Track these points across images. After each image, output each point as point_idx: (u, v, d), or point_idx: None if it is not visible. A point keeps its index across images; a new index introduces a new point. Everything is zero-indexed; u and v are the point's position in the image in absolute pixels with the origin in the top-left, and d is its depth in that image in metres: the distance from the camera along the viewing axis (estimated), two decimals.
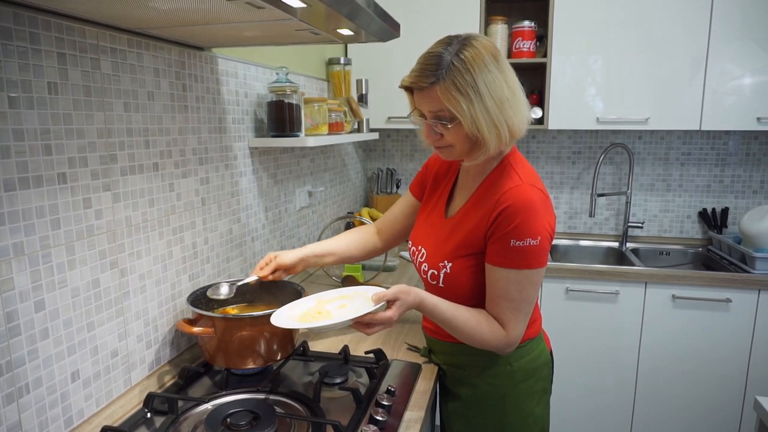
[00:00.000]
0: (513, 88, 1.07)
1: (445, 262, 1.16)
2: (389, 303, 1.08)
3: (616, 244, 2.68)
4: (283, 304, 1.19)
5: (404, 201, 1.41)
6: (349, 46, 2.49)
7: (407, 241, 1.37)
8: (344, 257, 1.42)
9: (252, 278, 1.29)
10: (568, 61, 2.34)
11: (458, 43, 1.05)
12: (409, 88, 1.11)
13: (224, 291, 1.28)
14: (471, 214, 1.15)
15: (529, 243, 1.05)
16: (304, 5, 0.87)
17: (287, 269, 1.32)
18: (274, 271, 1.30)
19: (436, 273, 1.19)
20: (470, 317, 1.12)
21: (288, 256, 1.31)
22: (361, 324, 1.06)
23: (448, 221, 1.21)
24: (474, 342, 1.13)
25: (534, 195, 1.07)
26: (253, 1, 0.83)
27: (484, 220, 1.10)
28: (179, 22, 1.01)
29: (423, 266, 1.23)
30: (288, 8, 0.89)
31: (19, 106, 0.87)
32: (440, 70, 1.02)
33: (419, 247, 1.26)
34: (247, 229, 1.65)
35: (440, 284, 1.18)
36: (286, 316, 1.14)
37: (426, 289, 1.24)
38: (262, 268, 1.29)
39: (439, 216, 1.25)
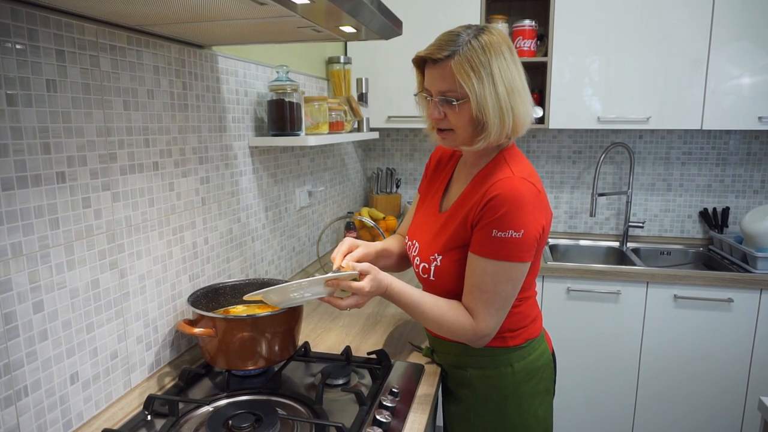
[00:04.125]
0: (523, 82, 1.10)
1: (436, 255, 1.16)
2: (361, 275, 1.08)
3: (616, 244, 2.67)
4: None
5: (415, 205, 1.40)
6: (348, 44, 2.48)
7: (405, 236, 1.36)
8: (398, 261, 1.38)
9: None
10: (569, 60, 2.33)
11: (476, 29, 1.07)
12: (421, 65, 1.12)
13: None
14: (462, 207, 1.15)
15: (511, 235, 1.04)
16: (306, 1, 0.86)
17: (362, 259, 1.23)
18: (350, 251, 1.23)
19: (427, 266, 1.18)
20: (437, 304, 1.12)
21: (369, 253, 1.24)
22: (333, 298, 1.07)
23: (441, 215, 1.21)
24: (441, 329, 1.13)
25: (524, 188, 1.06)
26: None
27: (473, 210, 1.10)
28: (180, 19, 1.00)
29: (416, 260, 1.23)
30: (290, 4, 0.87)
31: (17, 103, 0.86)
32: (457, 46, 1.04)
33: (413, 242, 1.26)
34: (248, 228, 1.64)
35: (431, 277, 1.18)
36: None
37: (419, 283, 1.24)
38: (344, 256, 1.20)
39: (433, 210, 1.25)
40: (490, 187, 1.07)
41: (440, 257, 1.16)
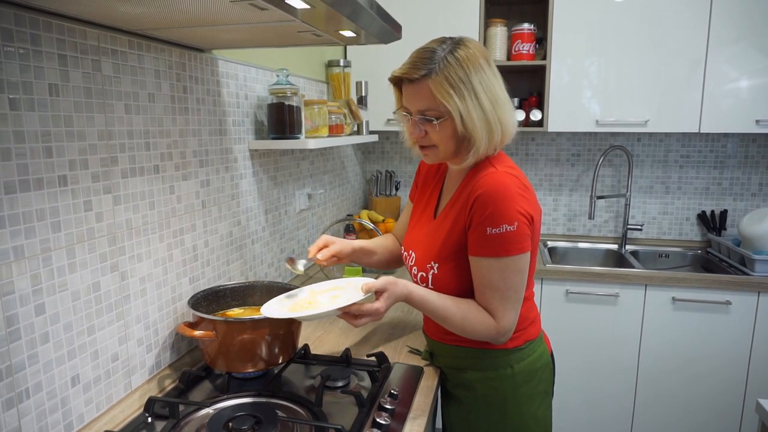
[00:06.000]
0: (504, 91, 1.09)
1: (432, 263, 1.17)
2: (377, 294, 1.07)
3: (615, 247, 2.68)
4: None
5: (408, 211, 1.42)
6: (348, 48, 2.49)
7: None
8: (383, 260, 1.41)
9: (305, 263, 1.26)
10: (567, 62, 2.34)
11: (452, 42, 1.06)
12: (398, 83, 1.10)
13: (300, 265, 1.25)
14: (451, 212, 1.15)
15: (506, 229, 1.04)
16: (306, 6, 0.87)
17: (341, 258, 1.28)
18: (329, 258, 1.26)
19: (424, 275, 1.19)
20: (459, 308, 1.12)
21: (345, 248, 1.28)
22: (349, 315, 1.06)
23: (433, 223, 1.22)
24: (465, 332, 1.13)
25: (507, 180, 1.06)
26: (256, 2, 0.82)
27: (462, 213, 1.10)
28: (181, 24, 1.01)
29: (413, 269, 1.24)
30: (290, 9, 0.88)
31: (19, 108, 0.87)
32: (433, 63, 1.03)
33: (410, 252, 1.26)
34: (247, 231, 1.64)
35: (429, 286, 1.19)
36: (277, 307, 1.14)
37: None
38: (320, 249, 1.25)
39: (428, 220, 1.25)
40: (474, 185, 1.08)
41: (437, 265, 1.16)
